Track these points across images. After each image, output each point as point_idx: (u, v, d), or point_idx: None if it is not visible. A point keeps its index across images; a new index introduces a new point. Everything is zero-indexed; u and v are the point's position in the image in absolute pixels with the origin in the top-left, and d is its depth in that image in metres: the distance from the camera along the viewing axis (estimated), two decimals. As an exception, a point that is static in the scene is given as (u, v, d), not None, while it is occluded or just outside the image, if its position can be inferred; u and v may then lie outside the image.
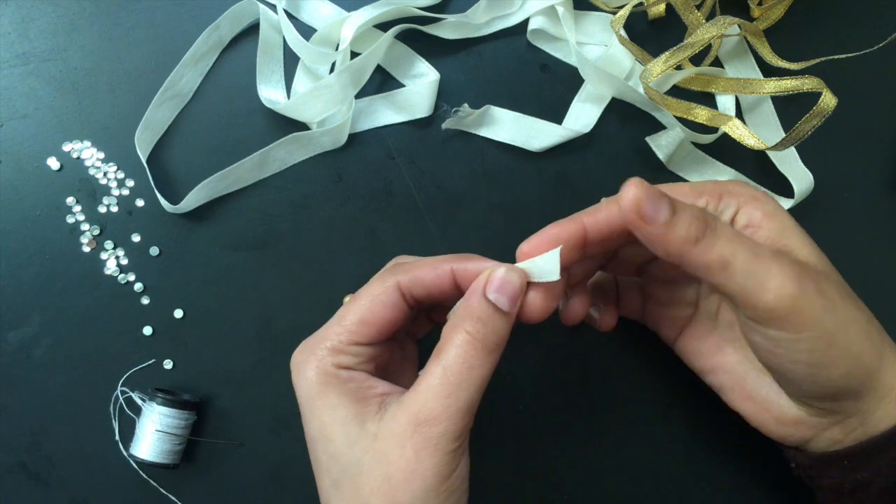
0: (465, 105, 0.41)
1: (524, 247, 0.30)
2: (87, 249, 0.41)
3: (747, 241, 0.28)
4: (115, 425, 0.40)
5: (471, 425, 0.29)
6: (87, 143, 0.42)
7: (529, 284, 0.30)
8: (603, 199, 0.31)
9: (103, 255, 0.41)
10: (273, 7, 0.43)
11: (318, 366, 0.30)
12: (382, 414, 0.29)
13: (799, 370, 0.29)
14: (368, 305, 0.30)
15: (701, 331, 0.35)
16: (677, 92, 0.44)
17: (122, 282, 0.41)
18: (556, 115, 0.43)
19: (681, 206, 0.27)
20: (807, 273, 0.28)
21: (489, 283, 0.29)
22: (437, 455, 0.27)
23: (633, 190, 0.27)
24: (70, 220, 0.41)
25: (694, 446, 0.41)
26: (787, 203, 0.42)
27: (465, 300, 0.29)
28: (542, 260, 0.29)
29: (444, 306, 0.32)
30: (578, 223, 0.30)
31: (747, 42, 0.43)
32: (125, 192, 0.42)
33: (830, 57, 0.41)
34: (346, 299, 0.34)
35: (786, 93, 0.40)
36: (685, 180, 0.43)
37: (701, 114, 0.41)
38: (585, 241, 0.30)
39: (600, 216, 0.30)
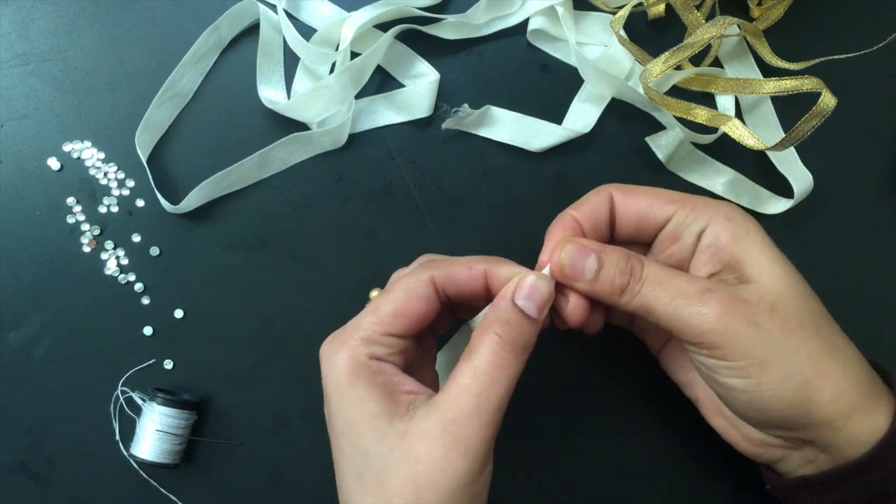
0: (465, 105, 0.41)
1: (544, 258, 0.32)
2: (87, 249, 0.41)
3: (670, 285, 0.30)
4: (116, 425, 0.40)
5: (498, 429, 0.29)
6: (88, 144, 0.42)
7: (566, 293, 0.32)
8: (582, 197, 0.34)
9: (103, 256, 0.41)
10: (273, 7, 0.43)
11: (350, 355, 0.30)
12: (412, 414, 0.29)
13: (737, 396, 0.30)
14: (404, 298, 0.30)
15: (681, 345, 0.35)
16: (677, 92, 0.44)
17: (123, 282, 0.41)
18: (556, 115, 0.43)
19: (606, 261, 0.31)
20: (737, 307, 0.29)
21: (518, 289, 0.30)
22: (467, 457, 0.28)
23: (558, 256, 0.31)
24: (70, 220, 0.42)
25: (694, 447, 0.41)
26: (786, 203, 0.42)
27: (494, 305, 0.30)
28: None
29: (469, 305, 0.33)
30: (570, 218, 0.33)
31: (747, 42, 0.43)
32: (125, 192, 0.42)
33: (830, 57, 0.41)
34: (374, 293, 0.34)
35: (785, 93, 0.40)
36: (685, 180, 0.43)
37: (701, 114, 0.41)
38: (582, 233, 0.33)
39: (584, 209, 0.33)
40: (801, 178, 0.42)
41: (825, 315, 0.31)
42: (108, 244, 0.41)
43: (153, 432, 0.38)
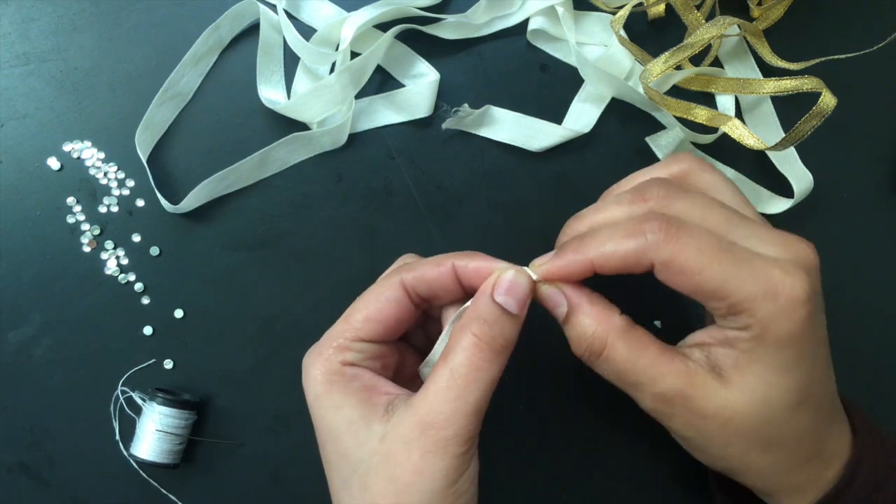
0: (465, 105, 0.41)
1: (542, 262, 0.31)
2: (87, 249, 0.41)
3: (628, 374, 0.29)
4: (116, 425, 0.40)
5: (479, 428, 0.29)
6: (88, 143, 0.42)
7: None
8: (623, 204, 0.30)
9: (103, 255, 0.41)
10: (273, 7, 0.43)
11: (325, 365, 0.30)
12: (390, 416, 0.29)
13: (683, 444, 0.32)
14: (373, 302, 0.30)
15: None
16: (677, 92, 0.44)
17: (123, 282, 0.41)
18: (556, 115, 0.43)
19: (572, 323, 0.30)
20: (686, 419, 0.29)
21: (497, 285, 0.29)
22: (445, 458, 0.27)
23: (539, 290, 0.30)
24: (70, 220, 0.42)
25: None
26: (786, 203, 0.42)
27: (472, 302, 0.29)
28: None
29: (449, 304, 0.32)
30: (586, 262, 0.29)
31: (747, 42, 0.43)
32: (125, 192, 0.42)
33: (830, 57, 0.41)
34: None
35: (785, 93, 0.40)
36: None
37: (701, 114, 0.41)
38: (594, 272, 0.30)
39: (610, 261, 0.28)
40: (801, 178, 0.42)
41: (797, 432, 0.29)
42: (108, 244, 0.41)
43: (153, 432, 0.38)
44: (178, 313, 0.41)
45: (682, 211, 0.29)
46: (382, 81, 0.43)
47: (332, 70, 0.43)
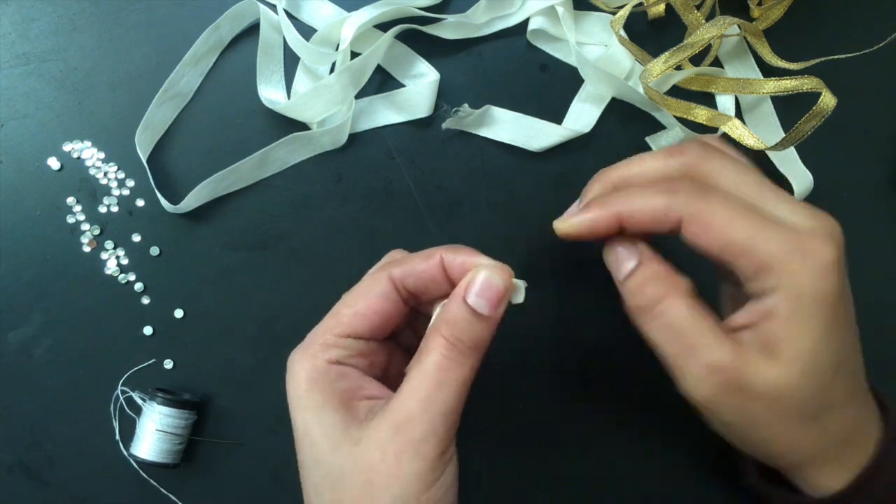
0: (465, 105, 0.41)
1: (559, 223, 0.31)
2: (87, 249, 0.41)
3: (681, 342, 0.29)
4: (116, 425, 0.40)
5: (455, 429, 0.28)
6: (88, 143, 0.42)
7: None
8: (659, 157, 0.31)
9: (103, 255, 0.41)
10: (273, 7, 0.43)
11: (310, 363, 0.29)
12: (368, 421, 0.28)
13: (710, 425, 0.31)
14: (361, 298, 0.30)
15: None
16: (677, 92, 0.44)
17: (123, 282, 0.41)
18: (556, 115, 0.43)
19: (638, 276, 0.30)
20: (733, 395, 0.28)
21: (470, 286, 0.29)
22: (417, 460, 0.27)
23: (607, 253, 0.31)
24: (70, 220, 0.42)
25: (695, 445, 0.41)
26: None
27: (446, 303, 0.29)
28: (518, 283, 0.30)
29: (439, 299, 0.31)
30: (614, 216, 0.30)
31: (747, 42, 0.43)
32: (125, 192, 0.42)
33: (830, 57, 0.41)
34: None
35: (785, 93, 0.40)
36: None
37: (701, 114, 0.41)
38: (621, 228, 0.30)
39: (639, 216, 0.29)
40: (801, 178, 0.42)
41: (839, 402, 0.30)
42: (108, 244, 0.41)
43: (153, 432, 0.38)
44: (178, 313, 0.41)
45: (715, 169, 0.30)
46: (382, 81, 0.43)
47: (332, 70, 0.43)
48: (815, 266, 0.27)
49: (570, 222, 0.30)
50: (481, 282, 0.28)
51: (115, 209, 0.42)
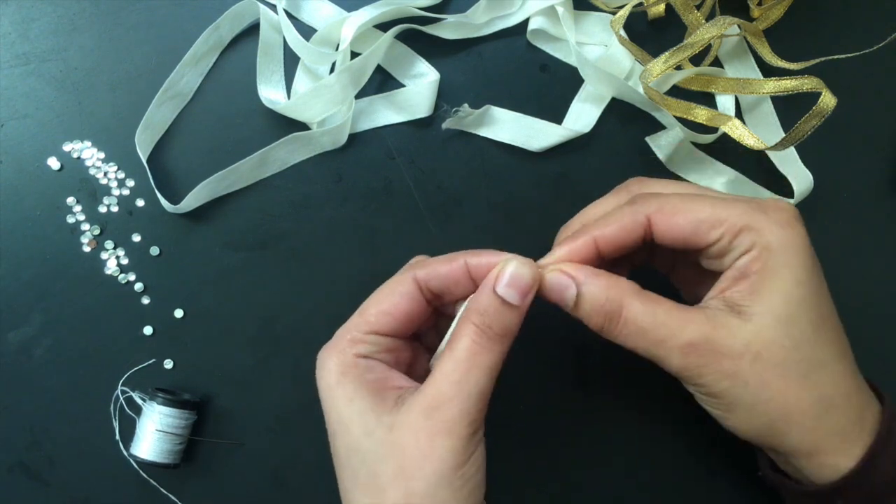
0: (465, 105, 0.41)
1: (549, 257, 0.32)
2: (87, 249, 0.41)
3: (652, 335, 0.30)
4: (116, 425, 0.40)
5: (485, 412, 0.29)
6: (88, 143, 0.42)
7: None
8: (612, 207, 0.33)
9: (103, 255, 0.41)
10: (273, 7, 0.43)
11: (339, 358, 0.31)
12: (399, 406, 0.29)
13: (715, 413, 0.31)
14: (387, 297, 0.32)
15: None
16: (677, 92, 0.44)
17: (123, 282, 0.41)
18: (556, 115, 0.43)
19: (585, 298, 0.30)
20: (717, 362, 0.29)
21: (499, 278, 0.30)
22: (451, 438, 0.28)
23: (543, 281, 0.31)
24: (70, 220, 0.42)
25: (695, 445, 0.41)
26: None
27: (476, 294, 0.30)
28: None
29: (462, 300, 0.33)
30: (589, 241, 0.31)
31: (747, 42, 0.43)
32: (125, 192, 0.42)
33: (830, 57, 0.41)
34: None
35: (785, 93, 0.40)
36: (685, 180, 0.43)
37: (701, 114, 0.41)
38: (599, 253, 0.31)
39: (609, 230, 0.31)
40: (801, 178, 0.42)
41: (826, 360, 0.30)
42: (108, 244, 0.41)
43: (153, 432, 0.38)
44: (178, 313, 0.41)
45: (659, 184, 0.33)
46: (382, 81, 0.43)
47: (332, 70, 0.43)
48: (779, 219, 0.30)
49: (554, 255, 0.32)
50: (510, 273, 0.30)
51: (115, 209, 0.42)
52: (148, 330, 0.41)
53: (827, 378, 0.30)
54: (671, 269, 0.37)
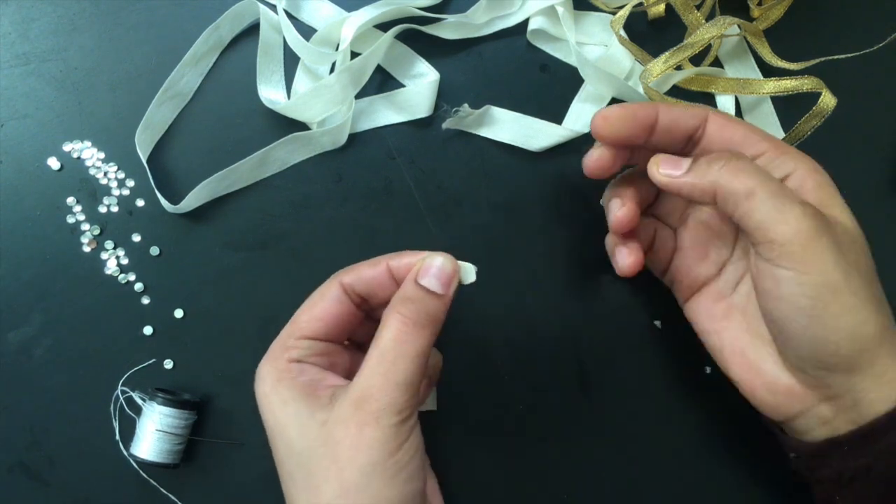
0: (465, 105, 0.41)
1: (597, 118, 0.34)
2: (87, 249, 0.41)
3: (773, 180, 0.31)
4: (116, 425, 0.40)
5: (414, 401, 0.30)
6: (88, 143, 0.42)
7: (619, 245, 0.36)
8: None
9: (103, 255, 0.41)
10: (273, 7, 0.43)
11: (272, 365, 0.32)
12: (333, 402, 0.30)
13: (798, 321, 0.30)
14: (316, 302, 0.33)
15: (716, 294, 0.37)
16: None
17: (123, 282, 0.41)
18: (556, 115, 0.43)
19: (704, 157, 0.32)
20: (827, 226, 0.30)
21: (421, 271, 0.31)
22: (379, 429, 0.28)
23: (652, 167, 0.33)
24: (70, 220, 0.42)
25: (694, 445, 0.41)
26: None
27: (400, 289, 0.32)
28: (467, 266, 0.32)
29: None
30: (652, 108, 0.34)
31: (747, 42, 0.43)
32: (125, 192, 0.42)
33: (830, 57, 0.41)
34: None
35: (785, 93, 0.40)
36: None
37: (701, 114, 0.41)
38: (654, 127, 0.34)
39: (675, 111, 0.34)
40: (801, 178, 0.42)
41: (871, 273, 0.32)
42: (108, 244, 0.41)
43: (153, 432, 0.38)
44: (178, 313, 0.41)
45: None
46: (382, 81, 0.43)
47: (332, 70, 0.43)
48: (811, 160, 0.33)
49: (615, 111, 0.34)
50: (428, 265, 0.31)
51: (115, 209, 0.42)
52: (148, 330, 0.41)
53: (877, 285, 0.32)
54: (681, 221, 0.38)
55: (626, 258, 0.36)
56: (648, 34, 0.44)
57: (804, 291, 0.30)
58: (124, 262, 0.41)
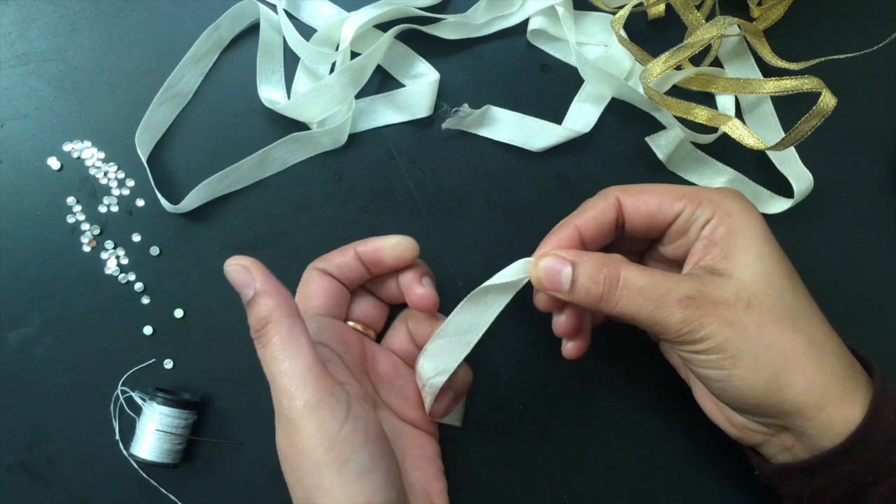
0: (465, 105, 0.41)
1: (538, 253, 0.34)
2: (87, 249, 0.41)
3: (651, 293, 0.31)
4: (116, 425, 0.40)
5: (328, 379, 0.30)
6: (88, 143, 0.42)
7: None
8: (587, 201, 0.35)
9: (104, 255, 0.41)
10: (273, 7, 0.43)
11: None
12: None
13: (713, 384, 0.32)
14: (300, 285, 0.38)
15: None
16: (677, 92, 0.44)
17: (123, 281, 0.41)
18: (556, 115, 0.43)
19: (580, 272, 0.32)
20: (714, 310, 0.30)
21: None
22: (314, 415, 0.29)
23: (534, 272, 0.33)
24: (70, 220, 0.42)
25: (693, 445, 0.41)
26: (786, 203, 0.42)
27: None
28: (508, 271, 0.33)
29: (383, 286, 0.39)
30: (571, 228, 0.34)
31: (747, 42, 0.43)
32: (125, 191, 0.42)
33: (830, 57, 0.41)
34: None
35: (785, 93, 0.40)
36: (685, 180, 0.43)
37: (701, 114, 0.41)
38: (582, 240, 0.34)
39: (587, 216, 0.34)
40: (801, 178, 0.42)
41: (807, 310, 0.32)
42: (108, 244, 0.41)
43: (153, 432, 0.38)
44: (178, 313, 0.41)
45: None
46: (382, 81, 0.43)
47: (332, 70, 0.43)
48: (730, 194, 0.33)
49: (542, 249, 0.34)
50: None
51: (115, 209, 0.42)
52: (148, 330, 0.41)
53: (813, 324, 0.32)
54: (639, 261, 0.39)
55: (569, 351, 0.37)
56: (648, 34, 0.44)
57: (708, 365, 0.31)
58: (124, 261, 0.41)
